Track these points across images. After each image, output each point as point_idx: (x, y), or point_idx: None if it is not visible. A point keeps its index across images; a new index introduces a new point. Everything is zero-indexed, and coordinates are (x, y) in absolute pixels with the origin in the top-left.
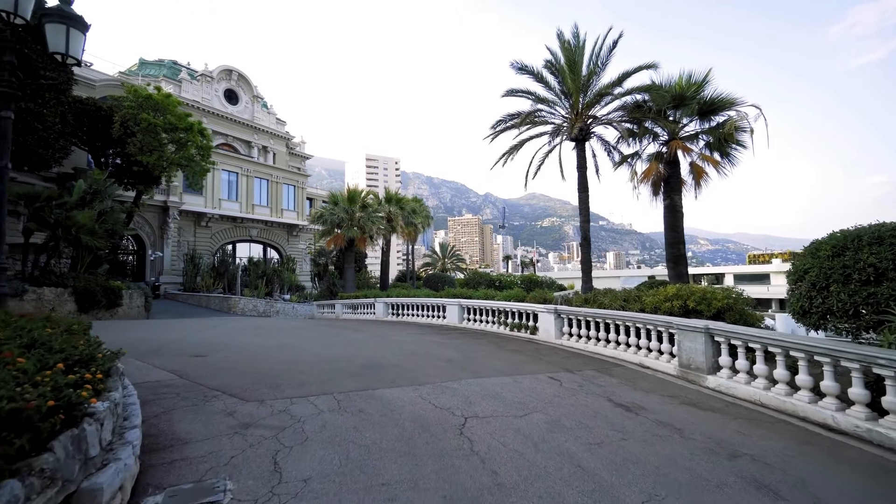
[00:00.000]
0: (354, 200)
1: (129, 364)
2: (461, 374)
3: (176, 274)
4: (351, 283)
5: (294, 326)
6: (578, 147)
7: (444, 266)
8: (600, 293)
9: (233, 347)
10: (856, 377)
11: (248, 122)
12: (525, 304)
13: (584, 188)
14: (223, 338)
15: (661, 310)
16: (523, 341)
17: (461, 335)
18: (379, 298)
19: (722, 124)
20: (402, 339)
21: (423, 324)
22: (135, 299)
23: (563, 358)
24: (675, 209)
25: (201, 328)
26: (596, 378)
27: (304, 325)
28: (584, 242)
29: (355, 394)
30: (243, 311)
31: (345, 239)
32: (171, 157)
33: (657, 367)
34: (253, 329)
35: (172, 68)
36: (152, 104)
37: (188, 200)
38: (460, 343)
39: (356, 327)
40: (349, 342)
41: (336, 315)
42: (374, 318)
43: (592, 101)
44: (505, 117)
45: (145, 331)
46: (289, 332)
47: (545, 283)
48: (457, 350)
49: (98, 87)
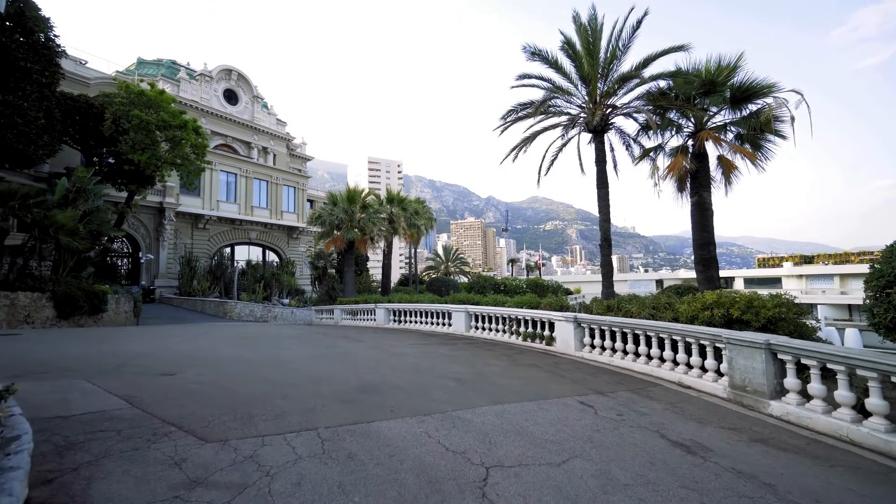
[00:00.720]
0: (354, 200)
1: (74, 389)
2: (475, 398)
3: (172, 277)
4: (351, 287)
5: (287, 335)
6: (597, 139)
7: (448, 270)
8: (624, 300)
9: (211, 362)
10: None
11: (248, 122)
12: (540, 311)
13: (603, 184)
14: (204, 349)
15: (698, 319)
16: (539, 353)
17: (469, 346)
18: (380, 304)
19: (756, 113)
20: (405, 350)
21: (426, 332)
22: (122, 304)
23: (587, 375)
24: (704, 207)
25: (186, 337)
26: (634, 403)
27: (299, 333)
28: (605, 243)
29: (346, 429)
30: (239, 316)
31: (344, 241)
32: (164, 155)
33: (701, 388)
34: (240, 339)
35: (171, 68)
36: (145, 100)
37: (185, 202)
38: (469, 356)
39: (355, 336)
40: (345, 355)
41: (335, 321)
42: (375, 326)
43: (613, 88)
44: (516, 107)
45: (121, 341)
46: (279, 343)
47: (551, 287)
48: (466, 365)
49: (93, 85)
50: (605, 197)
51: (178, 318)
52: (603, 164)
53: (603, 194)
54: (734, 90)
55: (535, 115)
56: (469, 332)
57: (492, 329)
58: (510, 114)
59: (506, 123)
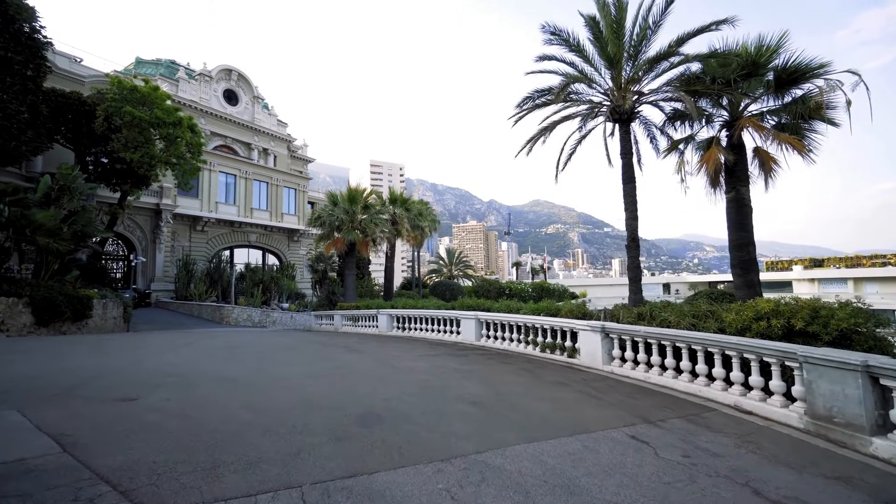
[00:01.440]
0: (356, 200)
1: (2, 421)
2: (502, 431)
3: (168, 281)
4: (352, 291)
5: (282, 345)
6: (622, 129)
7: (451, 273)
8: (657, 307)
9: (187, 381)
10: None
11: (248, 123)
12: (560, 319)
13: (629, 178)
14: (184, 364)
15: (751, 331)
16: (562, 367)
17: (482, 358)
18: (382, 310)
19: (801, 98)
20: (411, 364)
21: (433, 340)
22: (110, 310)
23: (624, 396)
24: (741, 203)
25: (169, 347)
26: (695, 436)
27: (295, 342)
28: (632, 244)
29: (339, 486)
30: (237, 321)
31: (345, 243)
32: (157, 154)
33: (767, 414)
34: (229, 350)
35: (170, 67)
36: (138, 97)
37: (182, 203)
38: (484, 371)
39: (356, 345)
40: (344, 370)
41: (335, 327)
42: (377, 333)
43: (641, 72)
44: (533, 94)
45: (93, 353)
46: (272, 354)
47: (557, 291)
48: (483, 383)
49: (87, 83)
50: (632, 192)
51: (172, 323)
52: (629, 156)
53: (629, 189)
54: (779, 72)
55: (557, 102)
56: (480, 341)
57: (505, 338)
58: (526, 101)
59: (522, 112)
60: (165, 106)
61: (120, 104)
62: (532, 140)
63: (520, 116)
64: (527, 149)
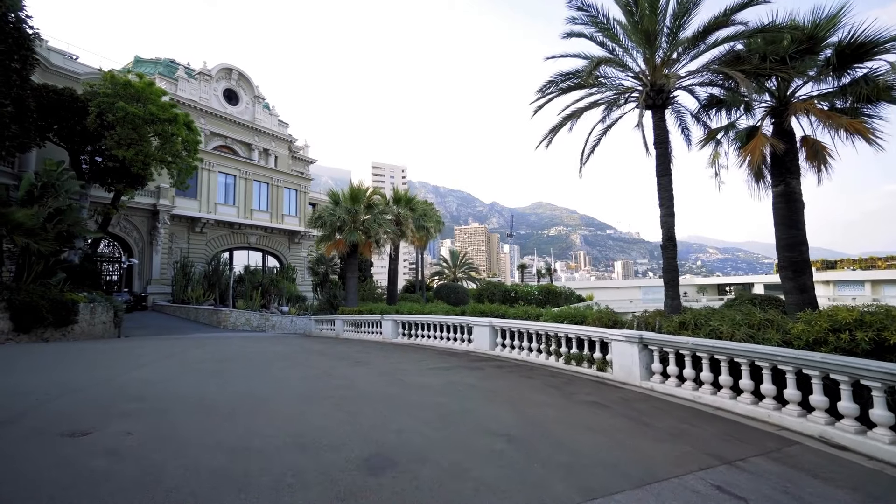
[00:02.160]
0: (358, 200)
1: None
2: (548, 479)
3: (166, 283)
4: (354, 294)
5: (277, 354)
6: (656, 115)
7: (455, 276)
8: (703, 315)
9: (157, 407)
10: None
11: (249, 123)
12: (589, 327)
13: (665, 169)
14: (162, 381)
15: (827, 344)
16: (592, 383)
17: (500, 371)
18: (387, 315)
19: (864, 77)
20: (422, 380)
21: (442, 349)
22: (98, 314)
23: (679, 421)
24: (791, 198)
25: (152, 358)
26: (797, 485)
27: (292, 351)
28: (668, 243)
29: None
30: (234, 325)
31: (347, 244)
32: (151, 152)
33: (871, 452)
34: (217, 362)
35: (169, 66)
36: (132, 93)
37: (180, 204)
38: (506, 387)
39: (359, 354)
40: (346, 389)
41: (336, 333)
42: (381, 340)
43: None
44: (557, 77)
45: (63, 365)
46: (264, 367)
47: (563, 294)
48: (509, 405)
49: (83, 80)
50: (668, 186)
51: (167, 328)
52: (664, 145)
53: (665, 182)
54: (842, 47)
55: (584, 87)
56: (494, 350)
57: (523, 348)
58: (549, 86)
59: (544, 97)
60: (161, 102)
61: (112, 100)
62: (554, 130)
63: (542, 103)
64: (547, 140)
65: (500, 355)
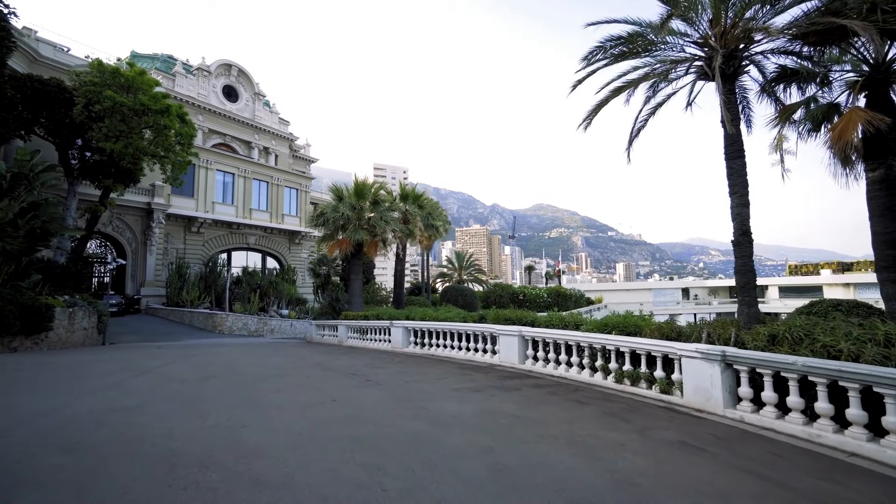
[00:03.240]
0: (363, 195)
1: None
2: None
3: (160, 285)
4: (358, 297)
5: (272, 368)
6: (725, 87)
7: (461, 278)
8: (799, 327)
9: (94, 460)
10: None
11: (249, 120)
12: (648, 340)
13: (737, 151)
14: (120, 412)
15: None
16: (660, 409)
17: (542, 392)
18: (396, 321)
19: None
20: (452, 408)
21: (462, 362)
22: (79, 320)
23: (821, 479)
24: (893, 184)
25: (124, 375)
26: None
27: (290, 364)
28: (743, 238)
29: None
30: (231, 330)
31: (351, 244)
32: (141, 145)
33: None
34: (199, 381)
35: (166, 62)
36: (121, 82)
37: (176, 203)
38: (560, 419)
39: (367, 369)
40: (358, 425)
41: (339, 340)
42: (390, 349)
43: (755, 8)
44: (605, 42)
45: (9, 386)
46: (254, 388)
47: (573, 297)
48: (578, 451)
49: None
50: (742, 170)
51: (158, 334)
52: (736, 121)
53: (737, 167)
54: None
55: (639, 53)
56: (525, 364)
57: (560, 362)
58: (596, 52)
59: (590, 65)
60: (153, 92)
61: (100, 88)
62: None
63: (587, 73)
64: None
65: (533, 370)
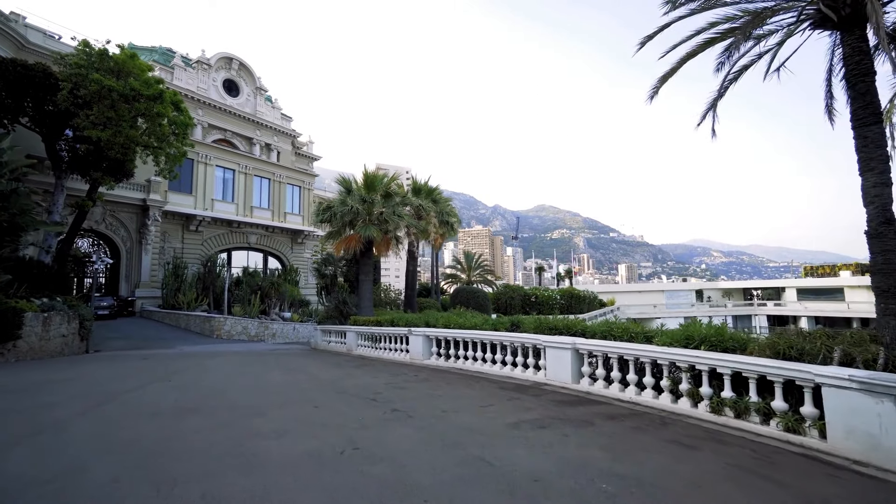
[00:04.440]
0: (374, 188)
1: None
2: None
3: (156, 286)
4: (368, 300)
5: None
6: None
7: (470, 279)
8: None
9: None
10: None
11: (250, 115)
12: (762, 360)
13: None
14: (49, 478)
15: None
16: (807, 461)
17: (624, 427)
18: (416, 328)
19: None
20: (522, 459)
21: (500, 379)
22: (55, 326)
23: None
24: None
25: (76, 408)
26: None
27: (295, 384)
28: (884, 227)
29: None
30: (229, 334)
31: (361, 241)
32: (130, 133)
33: None
34: (173, 418)
35: (165, 54)
36: (110, 65)
37: (174, 200)
38: (685, 482)
39: (390, 392)
40: (396, 497)
41: (347, 348)
42: (408, 360)
43: None
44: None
45: None
46: (249, 422)
47: (587, 299)
48: None
49: None
50: (880, 139)
51: (150, 339)
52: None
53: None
54: None
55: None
56: (580, 383)
57: (626, 382)
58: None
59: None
60: (145, 77)
61: (86, 72)
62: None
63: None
64: (654, 89)
65: (592, 392)
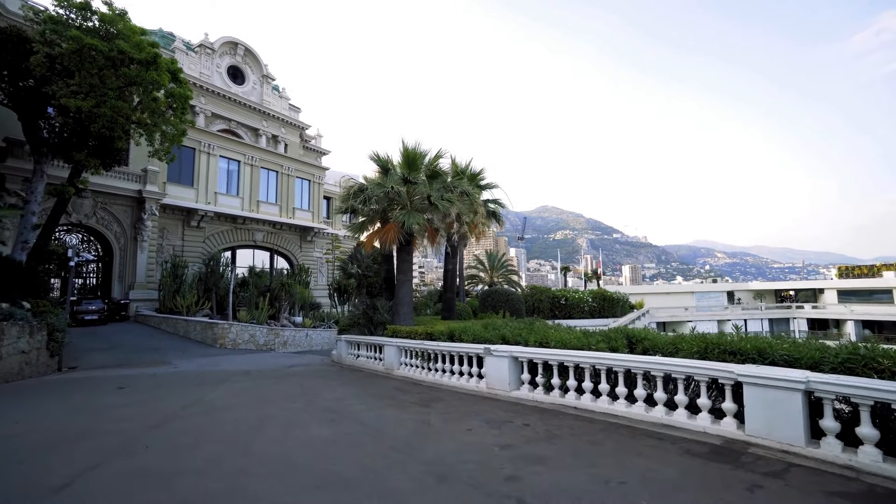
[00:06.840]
0: (416, 166)
1: None
2: None
3: (153, 288)
4: (407, 305)
5: (325, 465)
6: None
7: (493, 279)
8: None
9: None
10: None
11: (256, 105)
12: None
13: None
14: None
15: None
16: None
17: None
18: (498, 346)
19: None
20: None
21: (655, 431)
22: (10, 340)
23: None
24: None
25: None
26: None
27: (343, 441)
28: None
29: None
30: (234, 343)
31: (403, 231)
32: (117, 104)
33: None
34: None
35: (166, 38)
36: (92, 26)
37: (174, 192)
38: None
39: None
40: None
41: (385, 367)
42: (486, 391)
43: None
44: None
45: None
46: None
47: (620, 301)
48: None
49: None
50: None
51: (143, 350)
52: None
53: None
54: None
55: None
56: (820, 446)
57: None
58: None
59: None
60: (136, 39)
61: (63, 28)
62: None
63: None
64: None
65: (853, 464)
